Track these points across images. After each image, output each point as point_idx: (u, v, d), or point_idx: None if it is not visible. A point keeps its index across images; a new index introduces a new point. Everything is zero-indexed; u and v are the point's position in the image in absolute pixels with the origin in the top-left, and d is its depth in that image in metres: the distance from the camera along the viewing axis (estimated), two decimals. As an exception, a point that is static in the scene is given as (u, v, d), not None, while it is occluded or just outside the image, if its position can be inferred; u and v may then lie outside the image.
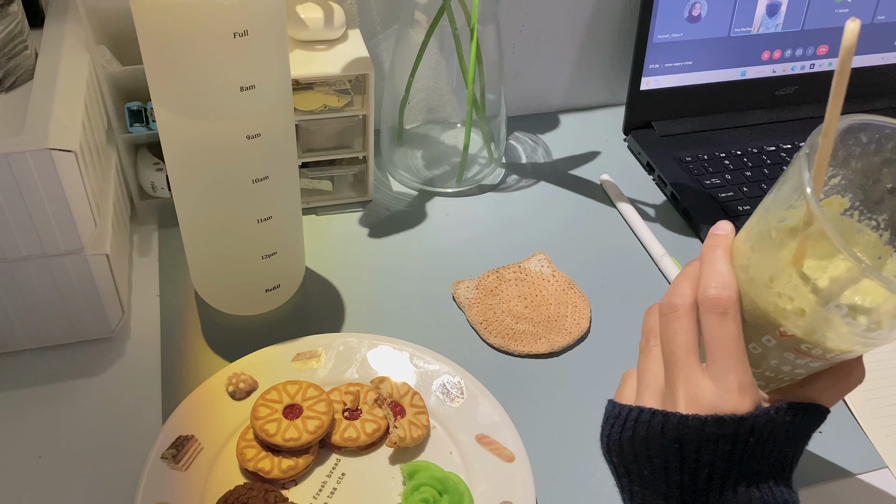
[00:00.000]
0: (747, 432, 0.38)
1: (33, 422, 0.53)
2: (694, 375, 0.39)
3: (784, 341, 0.38)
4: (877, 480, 0.53)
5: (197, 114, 0.49)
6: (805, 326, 0.37)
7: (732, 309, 0.39)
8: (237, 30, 0.45)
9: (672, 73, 0.82)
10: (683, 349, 0.40)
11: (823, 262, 0.36)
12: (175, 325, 0.60)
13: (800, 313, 0.37)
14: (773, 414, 0.38)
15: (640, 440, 0.39)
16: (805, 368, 0.40)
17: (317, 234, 0.70)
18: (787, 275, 0.37)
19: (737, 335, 0.39)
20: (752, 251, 0.39)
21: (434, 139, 0.80)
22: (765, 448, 0.38)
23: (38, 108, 0.51)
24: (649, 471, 0.39)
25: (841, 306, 0.35)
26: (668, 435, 0.38)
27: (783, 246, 0.37)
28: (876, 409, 0.57)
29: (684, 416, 0.38)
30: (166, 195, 0.66)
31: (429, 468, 0.50)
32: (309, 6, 0.66)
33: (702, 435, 0.38)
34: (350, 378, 0.56)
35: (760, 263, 0.38)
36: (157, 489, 0.47)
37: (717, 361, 0.39)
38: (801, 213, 0.35)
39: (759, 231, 0.39)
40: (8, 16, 0.55)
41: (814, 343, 0.38)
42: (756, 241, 0.39)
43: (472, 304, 0.63)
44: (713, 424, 0.37)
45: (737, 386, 0.38)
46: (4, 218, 0.49)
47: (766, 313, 0.38)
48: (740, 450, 0.38)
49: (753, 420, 0.38)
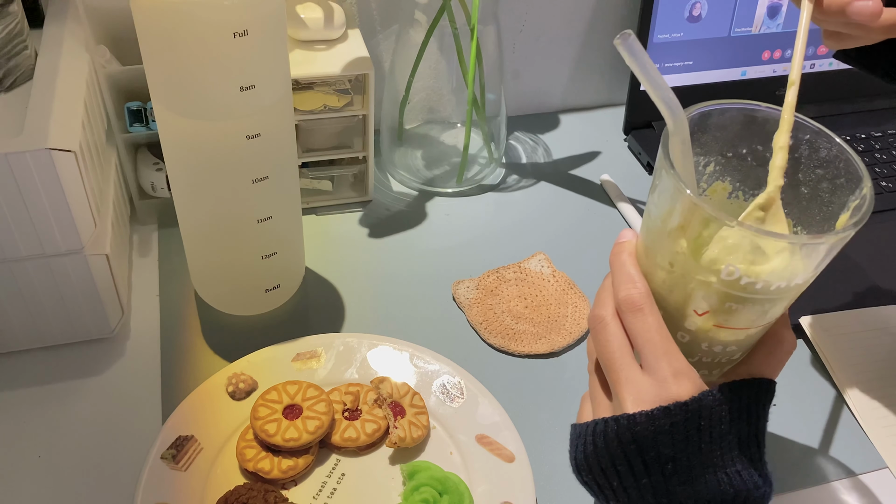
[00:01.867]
0: (696, 416, 0.39)
1: (33, 422, 0.53)
2: (632, 375, 0.41)
3: (704, 320, 0.41)
4: (877, 480, 0.53)
5: (197, 114, 0.49)
6: (714, 299, 0.39)
7: (647, 304, 0.41)
8: (237, 30, 0.45)
9: (672, 73, 0.82)
10: (617, 354, 0.42)
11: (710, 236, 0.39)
12: (175, 325, 0.60)
13: (705, 287, 0.39)
14: (717, 394, 0.39)
15: (602, 451, 0.40)
16: (736, 345, 0.42)
17: (317, 234, 0.70)
18: (683, 256, 0.39)
19: (657, 326, 0.40)
20: (649, 246, 0.42)
21: (434, 139, 0.80)
22: (721, 429, 0.39)
23: (38, 108, 0.51)
24: (618, 481, 0.40)
25: (734, 267, 0.38)
26: (623, 438, 0.39)
27: (670, 231, 0.39)
28: (876, 409, 0.57)
29: (632, 415, 0.39)
30: (166, 195, 0.66)
31: (429, 468, 0.50)
32: (309, 6, 0.66)
33: (654, 429, 0.39)
34: (350, 378, 0.56)
35: (658, 254, 0.41)
36: (156, 489, 0.47)
37: (646, 355, 0.40)
38: (670, 192, 0.39)
39: (649, 226, 0.42)
40: (8, 16, 0.55)
41: (727, 313, 0.40)
42: (649, 236, 0.42)
43: (472, 304, 0.63)
44: (660, 416, 0.38)
45: (671, 373, 0.39)
46: (4, 218, 0.49)
47: (678, 299, 0.41)
48: (695, 435, 0.39)
49: (698, 403, 0.39)
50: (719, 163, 0.44)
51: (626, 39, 0.38)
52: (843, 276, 0.67)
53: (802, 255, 0.38)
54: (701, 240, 0.39)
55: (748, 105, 0.42)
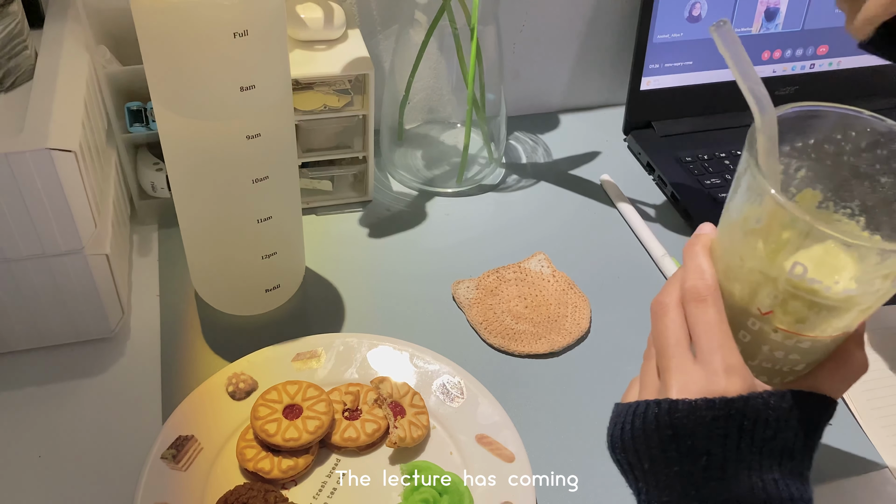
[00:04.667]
0: (740, 414, 0.38)
1: (33, 422, 0.53)
2: (683, 364, 0.40)
3: (767, 320, 0.40)
4: (877, 480, 0.53)
5: (197, 114, 0.49)
6: (779, 297, 0.38)
7: (711, 296, 0.40)
8: (237, 30, 0.45)
9: (672, 73, 0.82)
10: (672, 341, 0.41)
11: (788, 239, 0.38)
12: (175, 325, 0.60)
13: (771, 283, 0.38)
14: (767, 397, 0.38)
15: (638, 433, 0.40)
16: (799, 353, 0.41)
17: (317, 234, 0.70)
18: (755, 249, 0.39)
19: (718, 319, 0.40)
20: (724, 242, 0.41)
21: (434, 139, 0.80)
22: (764, 434, 0.38)
23: (38, 108, 0.51)
24: (649, 464, 0.40)
25: (801, 265, 0.37)
26: (662, 422, 0.39)
27: (749, 231, 0.39)
28: (876, 409, 0.57)
29: (674, 401, 0.39)
30: (166, 195, 0.66)
31: (429, 468, 0.50)
32: (309, 6, 0.66)
33: (694, 419, 0.38)
34: (350, 378, 0.56)
35: (732, 250, 0.40)
36: (156, 489, 0.47)
37: (701, 346, 0.40)
38: (753, 191, 0.38)
39: (727, 222, 0.41)
40: (8, 16, 0.55)
41: (792, 315, 0.39)
42: (726, 233, 0.41)
43: (472, 304, 0.63)
44: (703, 407, 0.38)
45: (723, 367, 0.39)
46: (4, 218, 0.49)
47: (744, 295, 0.40)
48: (735, 434, 0.38)
49: (745, 401, 0.38)
50: (812, 168, 0.42)
51: (720, 28, 0.38)
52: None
53: (875, 262, 0.36)
54: (780, 242, 0.38)
55: (849, 110, 0.41)
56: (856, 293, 0.37)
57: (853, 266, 0.37)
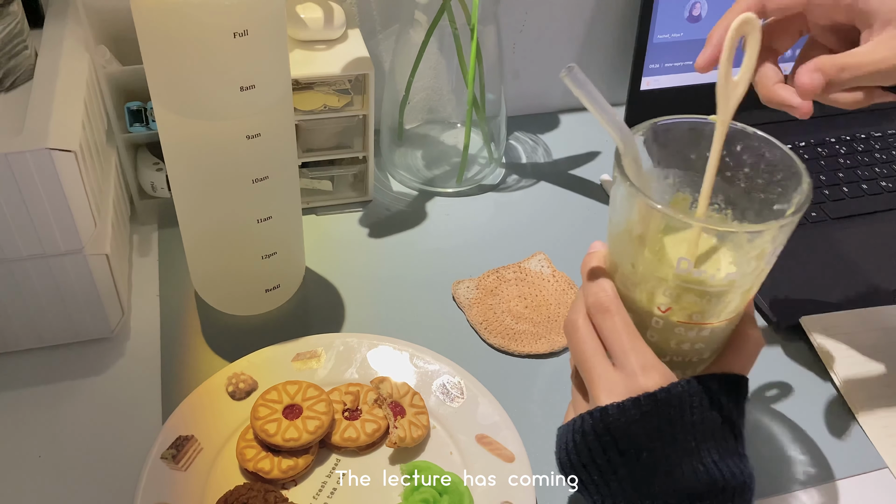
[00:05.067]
0: (665, 405, 0.41)
1: (33, 422, 0.53)
2: (604, 372, 0.43)
3: (668, 317, 0.44)
4: (877, 480, 0.53)
5: (197, 114, 0.49)
6: (672, 293, 0.42)
7: (613, 304, 0.44)
8: (237, 30, 0.45)
9: (672, 73, 0.82)
10: (589, 354, 0.44)
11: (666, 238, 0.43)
12: (175, 325, 0.60)
13: (663, 283, 0.42)
14: (686, 385, 0.41)
15: (581, 446, 0.42)
16: (702, 342, 0.45)
17: (317, 234, 0.70)
18: (642, 255, 0.43)
19: (625, 324, 0.43)
20: (614, 254, 0.45)
21: (434, 139, 0.80)
22: (692, 418, 0.41)
23: (38, 108, 0.51)
24: (598, 474, 0.42)
25: (686, 260, 0.41)
26: (598, 430, 0.41)
27: (632, 238, 0.43)
28: (876, 409, 0.57)
29: (604, 407, 0.41)
30: (166, 195, 0.66)
31: (429, 468, 0.50)
32: (309, 6, 0.66)
33: (625, 419, 0.41)
34: (350, 378, 0.56)
35: (623, 259, 0.44)
36: (156, 489, 0.47)
37: (615, 352, 0.43)
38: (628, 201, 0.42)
39: (612, 234, 0.45)
40: (8, 16, 0.55)
41: (688, 309, 0.43)
42: (613, 244, 0.45)
43: (472, 304, 0.63)
44: (630, 406, 0.41)
45: (639, 367, 0.42)
46: (4, 218, 0.49)
47: (643, 298, 0.44)
48: (666, 425, 0.40)
49: (667, 392, 0.41)
50: (678, 175, 0.47)
51: (570, 72, 0.42)
52: (843, 276, 0.67)
53: (747, 245, 0.41)
54: (660, 242, 0.43)
55: (697, 119, 0.46)
56: (737, 276, 0.42)
57: (730, 253, 0.42)
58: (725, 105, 0.44)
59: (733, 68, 0.43)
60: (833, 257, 0.69)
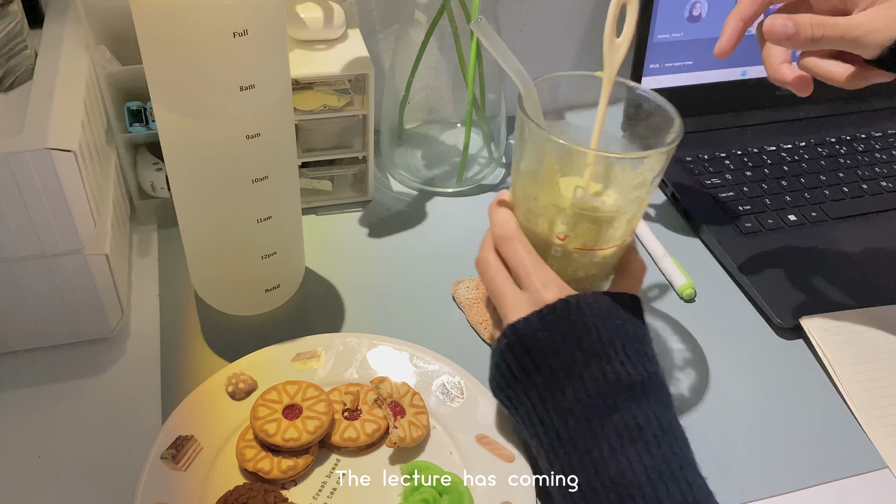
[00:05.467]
0: (565, 312, 0.45)
1: (33, 422, 0.53)
2: (511, 294, 0.49)
3: (566, 245, 0.50)
4: (877, 480, 0.53)
5: (197, 114, 0.49)
6: (570, 221, 0.49)
7: (516, 234, 0.50)
8: (237, 30, 0.45)
9: (672, 73, 0.82)
10: (499, 282, 0.50)
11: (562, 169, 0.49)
12: (175, 325, 0.60)
13: (562, 212, 0.48)
14: (583, 296, 0.46)
15: (502, 365, 0.48)
16: (595, 268, 0.51)
17: (317, 234, 0.70)
18: (544, 188, 0.49)
19: (527, 250, 0.49)
20: (517, 190, 0.51)
21: (434, 139, 0.80)
22: (595, 323, 0.45)
23: (38, 108, 0.51)
24: (519, 387, 0.47)
25: (581, 188, 0.47)
26: (512, 344, 0.47)
27: (533, 171, 0.50)
28: (876, 409, 0.57)
29: (512, 324, 0.47)
30: (166, 195, 0.66)
31: (429, 468, 0.50)
32: (309, 6, 0.66)
33: (532, 330, 0.46)
34: (350, 378, 0.56)
35: (526, 194, 0.50)
36: (156, 489, 0.47)
37: (519, 275, 0.49)
38: (529, 138, 0.49)
39: (517, 171, 0.51)
40: (8, 15, 0.55)
41: (582, 237, 0.49)
42: (518, 180, 0.52)
43: (472, 305, 0.63)
44: (535, 318, 0.46)
45: (540, 284, 0.47)
46: (4, 218, 0.49)
47: (543, 229, 0.50)
48: (570, 330, 0.45)
49: (565, 303, 0.46)
50: (571, 128, 0.53)
51: (478, 23, 0.49)
52: (844, 276, 0.67)
53: (632, 174, 0.48)
54: (558, 175, 0.49)
55: (587, 74, 0.52)
56: (623, 202, 0.48)
57: (616, 183, 0.48)
58: (611, 64, 0.50)
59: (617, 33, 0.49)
60: (833, 257, 0.69)
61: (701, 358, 0.61)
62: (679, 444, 0.43)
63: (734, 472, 0.52)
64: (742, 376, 0.60)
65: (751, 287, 0.66)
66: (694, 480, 0.41)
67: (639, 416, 0.42)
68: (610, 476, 0.41)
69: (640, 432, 0.42)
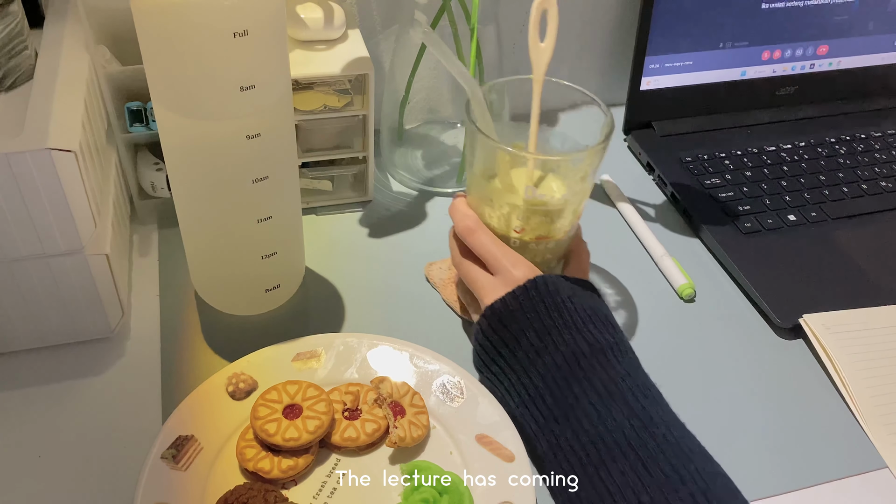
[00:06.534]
0: (536, 290, 0.51)
1: (33, 422, 0.53)
2: (485, 280, 0.54)
3: (522, 237, 0.55)
4: (877, 480, 0.53)
5: (197, 114, 0.49)
6: (524, 216, 0.54)
7: (478, 226, 0.55)
8: (237, 30, 0.45)
9: (672, 73, 0.82)
10: (474, 274, 0.55)
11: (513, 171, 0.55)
12: (175, 325, 0.60)
13: (516, 208, 0.54)
14: (548, 276, 0.52)
15: (483, 343, 0.52)
16: (550, 253, 0.57)
17: (317, 234, 0.70)
18: (497, 189, 0.54)
19: (491, 238, 0.55)
20: (474, 193, 0.56)
21: (434, 139, 0.80)
22: (563, 298, 0.50)
23: (38, 108, 0.51)
24: (503, 362, 0.52)
25: (531, 188, 0.53)
26: (492, 323, 0.51)
27: (485, 174, 0.55)
28: (876, 409, 0.57)
29: (490, 305, 0.52)
30: (166, 195, 0.66)
31: (429, 468, 0.50)
32: (309, 6, 0.66)
33: (506, 308, 0.51)
34: (350, 378, 0.56)
35: (482, 195, 0.55)
36: (156, 489, 0.47)
37: (489, 261, 0.54)
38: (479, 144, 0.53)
39: (471, 174, 0.56)
40: (8, 15, 0.55)
41: (536, 229, 0.54)
42: (473, 183, 0.56)
43: (445, 285, 0.64)
44: (509, 298, 0.51)
45: (510, 264, 0.53)
46: (4, 218, 0.49)
47: (501, 225, 0.55)
48: (542, 305, 0.50)
49: (534, 282, 0.51)
50: (515, 127, 0.57)
51: (426, 35, 0.53)
52: (844, 276, 0.67)
53: (574, 170, 0.53)
54: (509, 176, 0.54)
55: (521, 78, 0.56)
56: (569, 195, 0.54)
57: (561, 178, 0.55)
58: (538, 66, 0.54)
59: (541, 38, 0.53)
60: (833, 257, 0.69)
61: (701, 358, 0.61)
62: (653, 394, 0.48)
63: (734, 472, 0.52)
64: (742, 376, 0.60)
65: (750, 287, 0.66)
66: (673, 422, 0.47)
67: (613, 374, 0.48)
68: (594, 426, 0.46)
69: (617, 387, 0.47)
